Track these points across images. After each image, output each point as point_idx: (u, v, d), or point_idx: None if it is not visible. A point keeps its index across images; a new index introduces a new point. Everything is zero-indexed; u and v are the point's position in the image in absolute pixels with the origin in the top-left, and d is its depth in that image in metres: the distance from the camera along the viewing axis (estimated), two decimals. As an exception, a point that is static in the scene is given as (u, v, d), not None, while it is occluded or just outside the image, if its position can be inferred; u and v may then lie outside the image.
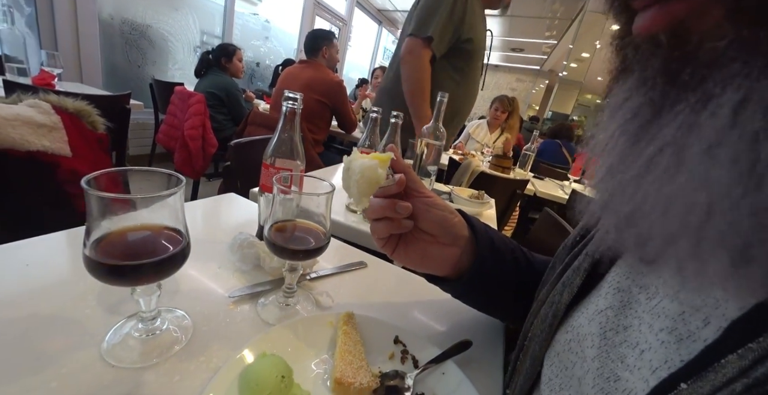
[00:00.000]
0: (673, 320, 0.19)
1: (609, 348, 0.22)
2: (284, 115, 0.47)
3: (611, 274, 0.26)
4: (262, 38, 4.39)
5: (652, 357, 0.19)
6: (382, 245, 0.37)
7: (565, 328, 0.28)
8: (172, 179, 0.32)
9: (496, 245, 0.39)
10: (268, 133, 1.58)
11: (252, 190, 0.81)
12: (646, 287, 0.22)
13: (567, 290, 0.28)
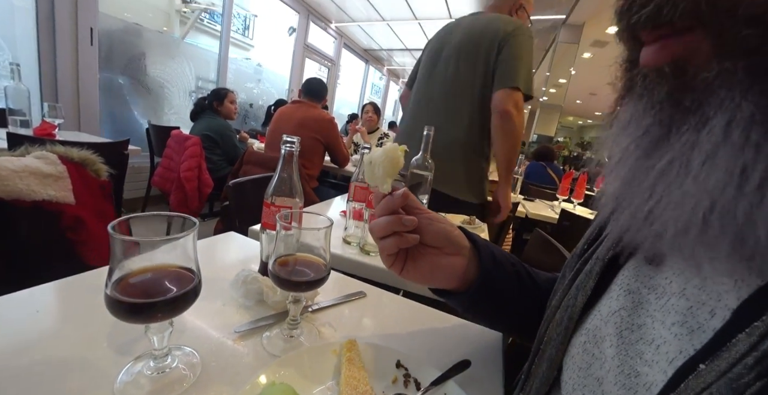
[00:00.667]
0: (683, 315, 0.21)
1: (627, 346, 0.24)
2: (283, 157, 0.51)
3: (620, 277, 0.28)
4: (255, 81, 4.62)
5: (668, 350, 0.21)
6: (390, 264, 0.39)
7: (580, 331, 0.29)
8: (187, 221, 0.35)
9: (497, 257, 0.41)
10: (264, 171, 1.63)
11: (251, 228, 0.84)
12: (654, 288, 0.24)
13: (581, 293, 0.30)
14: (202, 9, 4.32)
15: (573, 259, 0.35)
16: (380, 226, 0.36)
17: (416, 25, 5.10)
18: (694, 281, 0.22)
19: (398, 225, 0.36)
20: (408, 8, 4.50)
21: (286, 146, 0.51)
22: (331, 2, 4.62)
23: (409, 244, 0.37)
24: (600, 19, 4.13)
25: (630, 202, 0.21)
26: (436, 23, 4.91)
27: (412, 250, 0.39)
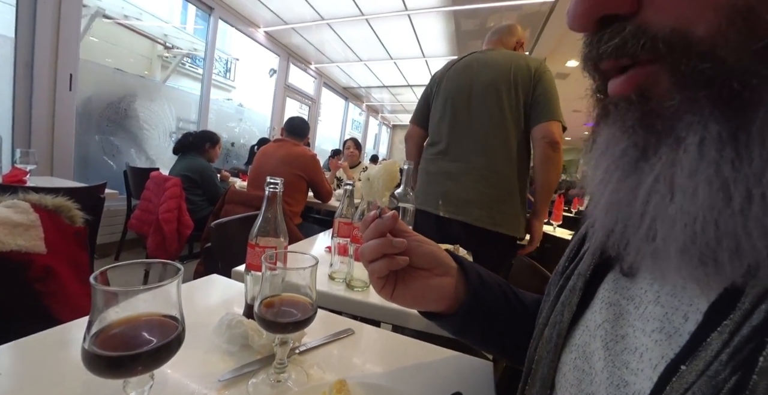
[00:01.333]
0: (660, 321, 0.22)
1: (613, 357, 0.25)
2: (267, 197, 0.52)
3: (600, 291, 0.29)
4: (236, 120, 4.71)
5: (651, 356, 0.22)
6: (381, 287, 0.38)
7: (569, 348, 0.30)
8: (170, 267, 0.35)
9: (484, 277, 0.42)
10: (247, 210, 1.61)
11: (235, 269, 0.82)
12: (631, 299, 0.26)
13: (567, 309, 0.31)
14: (184, 54, 4.48)
15: (556, 277, 0.36)
16: (370, 249, 0.37)
17: (392, 64, 5.43)
18: (666, 289, 0.23)
19: (388, 248, 0.36)
20: (384, 49, 4.81)
21: (270, 187, 0.52)
22: (310, 45, 4.89)
23: (400, 266, 0.37)
24: (560, 54, 4.52)
25: (623, 223, 0.22)
26: (410, 62, 5.24)
27: (401, 273, 0.39)
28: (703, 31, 0.17)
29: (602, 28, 0.21)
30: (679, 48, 0.18)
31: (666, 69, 0.19)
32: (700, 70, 0.17)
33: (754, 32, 0.16)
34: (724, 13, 0.17)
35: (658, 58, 0.19)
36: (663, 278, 0.23)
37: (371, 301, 0.73)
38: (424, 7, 3.54)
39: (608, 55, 0.21)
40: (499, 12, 3.58)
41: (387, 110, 9.30)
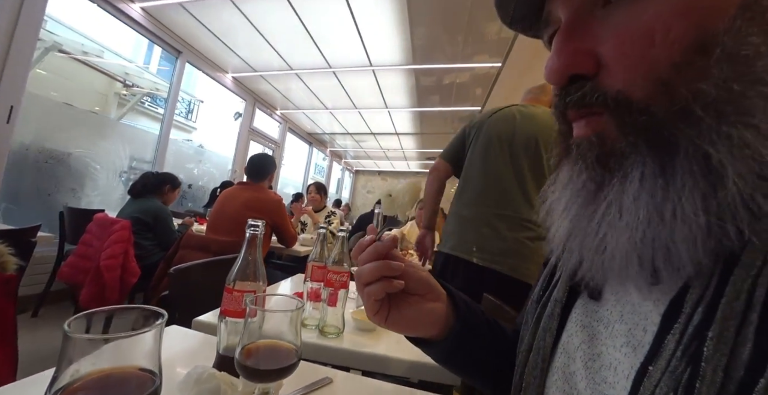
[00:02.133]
0: (626, 336, 0.26)
1: (593, 375, 0.27)
2: (248, 240, 0.52)
3: (573, 315, 0.32)
4: (196, 161, 4.58)
5: (623, 369, 0.25)
6: (375, 311, 0.38)
7: (552, 372, 0.32)
8: (149, 314, 0.33)
9: (469, 304, 0.43)
10: (205, 256, 1.53)
11: (198, 319, 0.77)
12: (600, 320, 0.29)
13: (548, 334, 0.33)
14: (145, 93, 4.42)
15: (532, 305, 0.38)
16: (369, 271, 0.37)
17: (356, 113, 5.73)
18: (627, 308, 0.27)
19: (387, 270, 0.37)
20: (349, 99, 5.11)
21: (251, 229, 0.53)
22: (277, 92, 5.07)
23: (396, 289, 0.37)
24: (505, 112, 5.07)
25: (581, 240, 0.26)
26: (373, 112, 5.58)
27: (395, 298, 0.39)
28: (641, 94, 0.23)
29: (570, 83, 0.26)
30: (622, 104, 0.23)
31: (613, 119, 0.24)
32: (638, 121, 0.23)
33: (674, 98, 0.21)
34: (655, 84, 0.22)
35: (607, 110, 0.24)
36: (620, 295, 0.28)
37: (345, 347, 0.70)
38: (387, 64, 3.90)
39: (572, 106, 0.26)
40: (454, 72, 4.03)
41: (350, 156, 9.58)
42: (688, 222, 0.21)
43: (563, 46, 0.26)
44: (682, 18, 0.21)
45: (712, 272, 0.21)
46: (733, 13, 0.21)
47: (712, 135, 0.20)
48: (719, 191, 0.20)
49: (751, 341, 0.18)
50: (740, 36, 0.20)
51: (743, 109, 0.20)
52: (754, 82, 0.20)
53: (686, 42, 0.21)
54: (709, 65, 0.21)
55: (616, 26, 0.24)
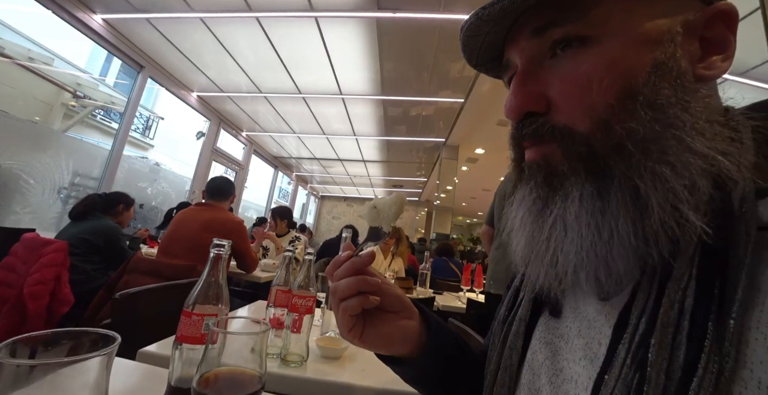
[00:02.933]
0: (584, 350, 0.28)
1: (556, 389, 0.29)
2: (211, 260, 0.50)
3: (536, 333, 0.34)
4: (150, 180, 4.32)
5: (583, 380, 0.27)
6: (350, 327, 0.37)
7: (519, 389, 0.33)
8: (97, 338, 0.30)
9: (440, 323, 0.43)
10: (156, 281, 1.42)
11: (143, 350, 0.70)
12: (561, 336, 0.32)
13: (514, 352, 0.35)
14: (98, 106, 4.17)
15: (498, 326, 0.40)
16: (346, 285, 0.37)
17: (324, 139, 5.79)
18: (584, 324, 0.30)
19: (365, 285, 0.36)
20: (317, 125, 5.17)
21: (215, 249, 0.50)
22: (244, 113, 5.01)
23: (372, 305, 0.37)
24: (470, 143, 5.38)
25: (536, 254, 0.29)
26: (342, 139, 5.67)
27: (369, 315, 0.38)
28: (583, 129, 0.27)
29: (525, 119, 0.30)
30: (567, 136, 0.28)
31: (560, 147, 0.28)
32: (580, 150, 0.27)
33: (611, 134, 0.26)
34: (595, 121, 0.26)
35: (555, 140, 0.28)
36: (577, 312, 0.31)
37: (308, 376, 0.67)
38: (356, 93, 4.04)
39: (528, 137, 0.30)
40: (420, 105, 4.25)
41: (316, 181, 9.53)
42: (622, 242, 0.24)
43: (519, 88, 0.30)
44: (611, 71, 0.26)
45: (651, 287, 0.24)
46: (648, 70, 0.26)
47: (640, 169, 0.24)
48: (645, 218, 0.24)
49: (685, 345, 0.21)
50: (655, 89, 0.25)
51: (663, 148, 0.24)
52: (669, 126, 0.24)
53: (617, 89, 0.26)
54: (637, 108, 0.25)
55: (562, 74, 0.28)
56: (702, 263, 0.22)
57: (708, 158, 0.24)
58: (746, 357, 0.20)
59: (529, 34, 0.30)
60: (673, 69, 0.25)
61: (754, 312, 0.20)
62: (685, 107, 0.25)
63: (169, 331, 0.75)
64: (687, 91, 0.25)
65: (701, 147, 0.24)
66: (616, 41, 0.27)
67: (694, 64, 0.27)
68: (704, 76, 0.27)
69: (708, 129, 0.25)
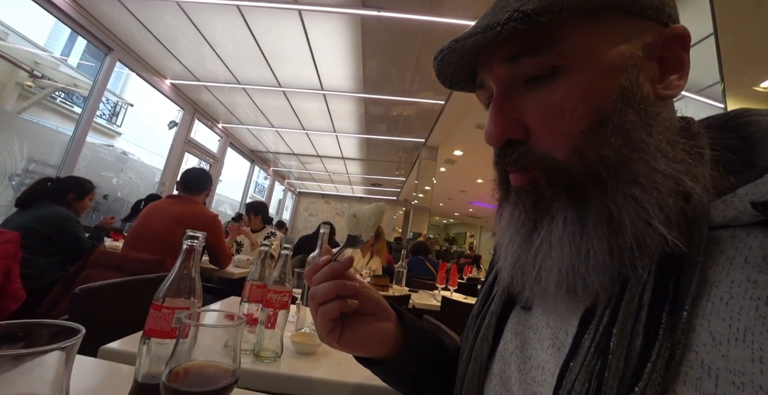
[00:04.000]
0: (552, 339, 0.31)
1: (524, 375, 0.31)
2: (184, 252, 0.48)
3: (508, 324, 0.36)
4: (116, 170, 4.10)
5: (550, 367, 0.29)
6: (329, 331, 0.38)
7: (489, 377, 0.35)
8: (61, 330, 0.29)
9: (416, 324, 0.44)
10: (120, 275, 1.35)
11: (105, 347, 0.66)
12: (531, 327, 0.34)
13: (485, 344, 0.36)
14: (58, 87, 3.88)
15: (472, 320, 0.41)
16: (325, 289, 0.37)
17: (304, 135, 5.70)
18: (552, 316, 0.32)
19: (343, 289, 0.37)
20: (297, 120, 5.08)
21: (188, 241, 0.49)
22: (220, 104, 4.85)
23: (351, 309, 0.38)
24: (449, 144, 5.47)
25: (523, 270, 0.31)
26: (321, 135, 5.60)
27: (347, 318, 0.39)
28: (561, 157, 0.29)
29: (507, 146, 0.32)
30: (549, 165, 0.29)
31: (543, 175, 0.30)
32: (560, 179, 0.29)
33: (585, 162, 0.28)
34: (571, 149, 0.28)
35: (537, 168, 0.30)
36: (549, 307, 0.33)
37: (282, 372, 0.66)
38: (338, 89, 4.01)
39: (511, 164, 0.32)
40: (401, 105, 4.27)
41: (294, 177, 9.37)
42: (598, 260, 0.27)
43: (497, 117, 0.31)
44: (582, 100, 0.28)
45: (615, 284, 0.27)
46: (615, 97, 0.28)
47: (614, 193, 0.27)
48: (619, 237, 0.26)
49: (642, 334, 0.24)
50: (623, 115, 0.27)
51: (632, 170, 0.26)
52: (636, 150, 0.27)
53: (588, 117, 0.28)
54: (607, 135, 0.27)
55: (536, 102, 0.30)
56: (660, 263, 0.25)
57: (672, 177, 0.26)
58: (693, 341, 0.22)
59: (502, 61, 0.31)
60: (636, 94, 0.28)
61: (701, 302, 0.23)
62: (648, 131, 0.27)
63: (134, 328, 0.72)
64: (649, 115, 0.28)
65: (665, 167, 0.26)
66: (585, 70, 0.28)
67: (655, 86, 0.29)
68: (663, 95, 0.29)
69: (669, 150, 0.27)
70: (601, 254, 0.26)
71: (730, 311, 0.22)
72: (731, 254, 0.24)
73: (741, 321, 0.21)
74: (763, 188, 0.23)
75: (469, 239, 14.06)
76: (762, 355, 0.20)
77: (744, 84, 2.00)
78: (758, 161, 0.26)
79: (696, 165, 0.27)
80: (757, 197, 0.23)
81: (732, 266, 0.23)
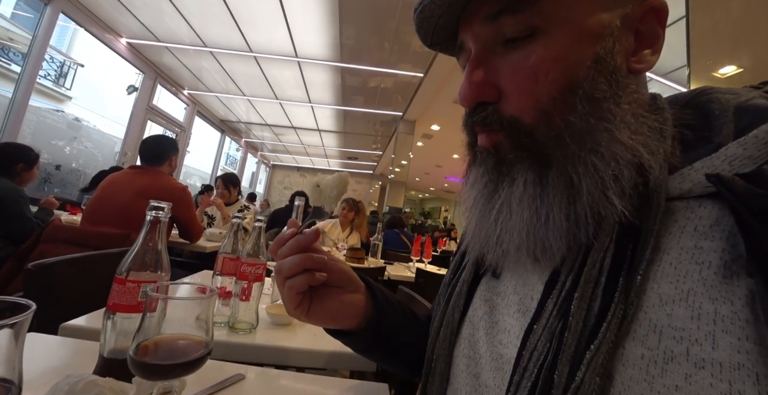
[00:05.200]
0: (518, 304, 0.32)
1: (491, 338, 0.33)
2: (149, 223, 0.45)
3: (478, 291, 0.38)
4: (68, 138, 3.78)
5: (515, 330, 0.31)
6: (297, 304, 0.37)
7: (459, 342, 0.36)
8: (6, 307, 0.26)
9: (386, 294, 0.45)
10: (77, 251, 1.28)
11: (66, 324, 0.63)
12: (499, 293, 0.35)
13: (456, 310, 0.38)
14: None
15: (444, 288, 0.42)
16: (292, 263, 0.36)
17: (277, 105, 5.44)
18: (519, 282, 0.33)
19: (310, 262, 0.36)
20: (270, 89, 4.82)
21: (153, 212, 0.46)
22: (186, 69, 4.50)
23: (319, 282, 0.37)
24: (427, 119, 5.42)
25: (485, 235, 0.32)
26: (296, 106, 5.37)
27: (316, 291, 0.39)
28: (529, 120, 0.29)
29: (477, 107, 0.32)
30: (514, 127, 0.30)
31: (507, 137, 0.30)
32: (524, 141, 0.29)
33: (551, 126, 0.28)
34: (539, 112, 0.28)
35: (503, 130, 0.30)
36: (514, 273, 0.35)
37: (258, 343, 0.66)
38: (314, 57, 3.81)
39: (478, 124, 0.32)
40: (379, 76, 4.14)
41: (267, 149, 9.05)
42: (557, 224, 0.27)
43: (472, 77, 0.31)
44: (556, 64, 0.28)
45: (579, 252, 0.28)
46: (589, 65, 0.28)
47: (575, 159, 0.27)
48: (577, 202, 0.27)
49: (600, 297, 0.25)
50: (594, 83, 0.27)
51: (595, 140, 0.27)
52: (601, 119, 0.27)
53: (560, 83, 0.28)
54: (576, 102, 0.27)
55: (511, 64, 0.30)
56: (620, 233, 0.26)
57: (632, 149, 0.27)
58: (643, 302, 0.24)
59: (482, 20, 0.30)
60: (610, 64, 0.28)
61: (653, 267, 0.25)
62: (617, 102, 0.27)
63: (97, 305, 0.69)
64: (620, 86, 0.28)
65: (627, 139, 0.27)
66: (562, 33, 0.28)
67: (628, 58, 0.29)
68: (635, 69, 0.29)
69: (633, 123, 0.28)
70: (559, 218, 0.27)
71: (677, 274, 0.24)
72: (683, 223, 0.25)
73: (686, 283, 0.23)
74: (716, 161, 0.25)
75: (444, 214, 14.42)
76: (700, 313, 0.22)
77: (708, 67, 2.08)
78: (715, 136, 0.27)
79: (656, 139, 0.28)
80: (710, 170, 0.24)
81: (683, 235, 0.25)
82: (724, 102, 0.28)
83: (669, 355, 0.22)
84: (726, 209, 0.24)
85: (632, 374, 0.23)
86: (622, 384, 0.23)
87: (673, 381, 0.21)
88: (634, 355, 0.23)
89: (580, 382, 0.23)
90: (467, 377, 0.33)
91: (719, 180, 0.23)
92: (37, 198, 2.19)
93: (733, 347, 0.20)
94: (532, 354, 0.27)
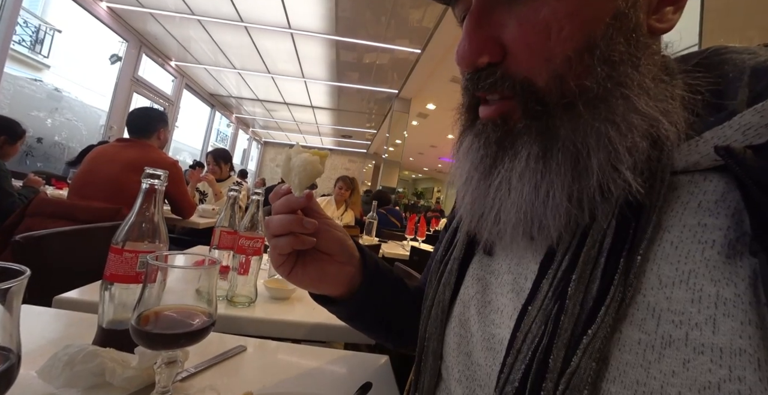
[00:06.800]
0: (512, 284, 0.30)
1: (484, 318, 0.32)
2: (144, 192, 0.43)
3: (469, 270, 0.36)
4: (49, 109, 3.61)
5: (508, 311, 0.29)
6: (280, 264, 0.37)
7: (451, 321, 0.35)
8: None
9: (380, 266, 0.44)
10: (65, 224, 1.24)
11: (59, 297, 0.62)
12: (492, 272, 0.33)
13: (447, 288, 0.36)
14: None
15: (435, 265, 0.41)
16: (278, 223, 0.35)
17: (269, 79, 5.25)
18: (513, 261, 0.32)
19: (297, 226, 0.35)
20: (262, 62, 4.63)
21: (148, 179, 0.44)
22: (172, 38, 4.28)
23: (305, 246, 0.36)
24: (423, 97, 5.31)
25: (481, 212, 0.29)
26: (289, 80, 5.20)
27: (304, 254, 0.38)
28: (541, 83, 0.26)
29: (481, 70, 0.28)
30: (527, 91, 0.26)
31: (520, 105, 0.27)
32: (536, 109, 0.26)
33: (564, 92, 0.25)
34: (552, 75, 0.25)
35: (515, 95, 0.27)
36: (508, 251, 0.33)
37: (257, 316, 0.66)
38: (308, 29, 3.64)
39: (485, 90, 0.28)
40: (375, 51, 4.00)
41: (259, 125, 8.83)
42: (556, 205, 0.25)
43: (473, 32, 0.27)
44: (572, 19, 0.24)
45: (576, 230, 0.26)
46: (608, 21, 0.24)
47: (586, 130, 0.24)
48: (582, 181, 0.24)
49: (599, 279, 0.23)
50: (611, 43, 0.24)
51: (610, 107, 0.24)
52: (618, 85, 0.24)
53: (576, 40, 0.25)
54: (593, 64, 0.24)
55: (519, 17, 0.26)
56: (622, 209, 0.24)
57: (650, 118, 0.24)
58: (642, 285, 0.23)
59: None
60: (630, 21, 0.25)
61: (654, 246, 0.23)
62: (635, 65, 0.25)
63: (89, 279, 0.67)
64: (639, 47, 0.25)
65: (645, 107, 0.24)
66: None
67: (649, 15, 0.26)
68: (656, 28, 0.26)
69: (653, 88, 0.25)
70: (560, 197, 0.25)
71: (678, 255, 0.22)
72: (686, 199, 0.23)
73: (687, 264, 0.22)
74: (729, 131, 0.22)
75: (437, 194, 14.48)
76: (701, 295, 0.21)
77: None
78: (728, 102, 0.24)
79: (676, 106, 0.25)
80: (720, 141, 0.22)
81: (686, 211, 0.23)
82: (739, 63, 0.26)
83: (667, 340, 0.21)
84: (733, 183, 0.22)
85: (628, 359, 0.22)
86: (617, 370, 0.22)
87: (670, 367, 0.20)
88: (631, 340, 0.22)
89: (576, 367, 0.22)
90: (459, 355, 0.33)
91: (728, 153, 0.21)
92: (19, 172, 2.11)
93: (735, 331, 0.19)
94: (527, 336, 0.26)
